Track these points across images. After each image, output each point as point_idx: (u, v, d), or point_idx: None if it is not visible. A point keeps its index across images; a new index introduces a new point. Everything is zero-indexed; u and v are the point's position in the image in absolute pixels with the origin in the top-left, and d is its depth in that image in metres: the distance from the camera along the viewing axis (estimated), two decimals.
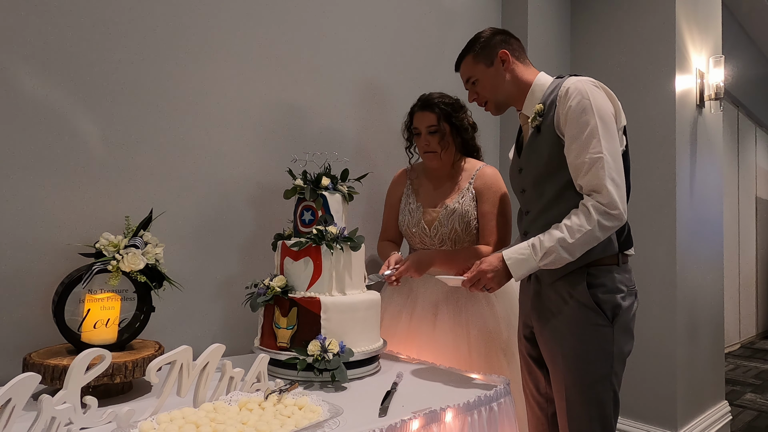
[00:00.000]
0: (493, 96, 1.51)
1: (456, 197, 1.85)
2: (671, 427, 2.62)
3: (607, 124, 1.31)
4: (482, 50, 1.50)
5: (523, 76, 1.49)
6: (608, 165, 1.28)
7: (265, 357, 1.25)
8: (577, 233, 1.28)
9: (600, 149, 1.29)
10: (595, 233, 1.28)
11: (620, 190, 1.30)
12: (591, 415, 1.34)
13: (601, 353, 1.34)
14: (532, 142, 1.44)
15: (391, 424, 1.11)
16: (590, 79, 1.38)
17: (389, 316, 1.91)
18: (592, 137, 1.29)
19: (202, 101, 1.73)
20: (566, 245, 1.29)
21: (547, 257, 1.31)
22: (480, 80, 1.51)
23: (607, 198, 1.27)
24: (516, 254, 1.36)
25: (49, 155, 1.44)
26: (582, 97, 1.32)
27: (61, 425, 0.92)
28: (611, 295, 1.34)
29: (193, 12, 1.71)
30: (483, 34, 1.53)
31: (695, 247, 2.83)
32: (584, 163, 1.30)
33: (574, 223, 1.29)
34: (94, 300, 1.30)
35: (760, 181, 6.53)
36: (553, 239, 1.30)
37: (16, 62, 1.38)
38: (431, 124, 1.82)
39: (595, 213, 1.28)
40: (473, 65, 1.52)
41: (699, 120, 2.90)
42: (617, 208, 1.28)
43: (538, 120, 1.42)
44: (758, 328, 6.46)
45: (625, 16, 2.86)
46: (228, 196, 1.80)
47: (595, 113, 1.30)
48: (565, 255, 1.30)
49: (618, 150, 1.33)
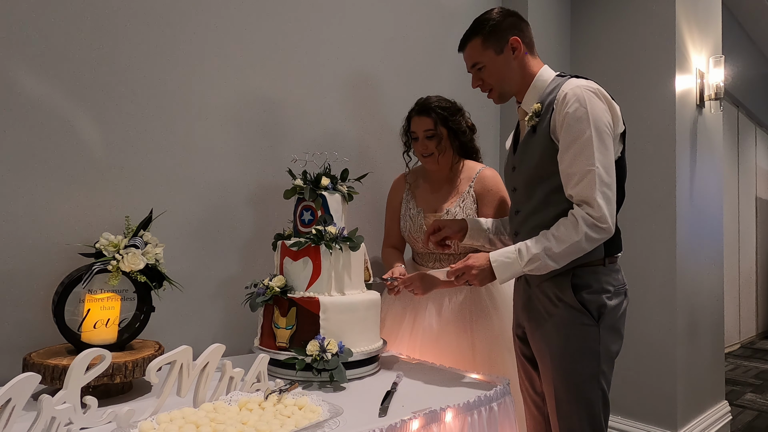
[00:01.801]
0: (499, 85, 1.45)
1: (456, 201, 1.85)
2: (671, 427, 2.62)
3: (602, 135, 1.29)
4: (492, 34, 1.41)
5: (529, 67, 1.43)
6: (600, 178, 1.27)
7: (265, 357, 1.25)
8: (564, 243, 1.29)
9: (593, 161, 1.27)
10: (582, 245, 1.29)
11: (610, 203, 1.29)
12: (580, 414, 1.34)
13: (587, 353, 1.34)
14: (527, 142, 1.43)
15: (391, 424, 1.11)
16: (590, 85, 1.34)
17: (392, 318, 1.91)
18: (586, 148, 1.28)
19: (203, 101, 1.74)
20: (551, 254, 1.30)
21: (532, 263, 1.32)
22: (487, 67, 1.43)
23: (599, 212, 1.27)
24: (502, 257, 1.36)
25: (49, 155, 1.44)
26: (579, 105, 1.29)
27: (61, 425, 0.92)
28: (597, 296, 1.34)
29: (195, 12, 1.71)
30: (492, 15, 1.43)
31: (695, 247, 2.83)
32: (575, 174, 1.29)
33: (561, 233, 1.30)
34: (94, 300, 1.30)
35: (760, 181, 6.52)
36: (539, 246, 1.31)
37: (17, 62, 1.38)
38: (428, 128, 1.81)
39: (584, 225, 1.28)
40: (481, 50, 1.42)
41: (699, 120, 2.90)
42: (607, 222, 1.28)
43: (535, 120, 1.39)
44: (758, 328, 6.46)
45: (625, 16, 2.86)
46: (228, 196, 1.80)
47: (591, 123, 1.28)
48: (550, 263, 1.31)
49: (611, 162, 1.31)
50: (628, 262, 1.59)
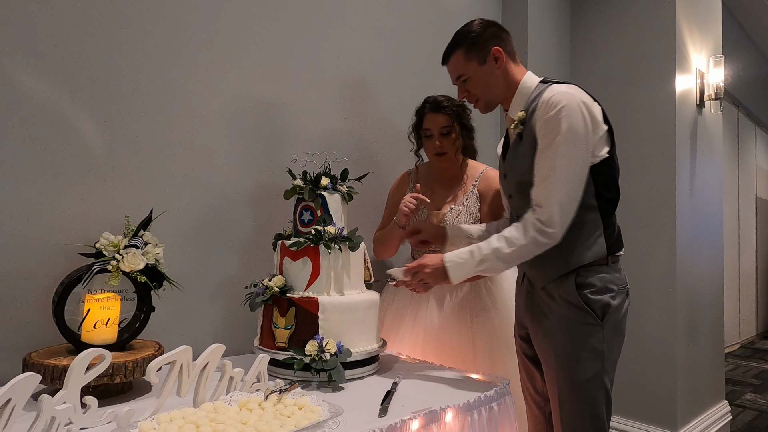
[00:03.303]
0: (484, 95, 1.47)
1: (461, 199, 1.86)
2: (671, 427, 2.62)
3: (574, 141, 1.29)
4: (474, 46, 1.43)
5: (513, 74, 1.45)
6: (558, 183, 1.28)
7: (265, 357, 1.25)
8: (513, 246, 1.32)
9: (556, 166, 1.28)
10: (530, 248, 1.31)
11: (563, 209, 1.29)
12: (583, 414, 1.34)
13: (591, 353, 1.34)
14: (515, 149, 1.44)
15: (391, 424, 1.11)
16: (568, 90, 1.33)
17: (392, 317, 1.91)
18: (554, 153, 1.29)
19: (203, 101, 1.74)
20: (501, 255, 1.33)
21: (483, 264, 1.35)
22: (472, 78, 1.45)
23: (546, 215, 1.28)
24: (456, 258, 1.39)
25: (49, 155, 1.44)
26: (557, 111, 1.29)
27: (61, 425, 0.92)
28: (601, 295, 1.34)
29: (196, 13, 1.71)
30: (473, 27, 1.45)
31: (695, 247, 2.83)
32: (538, 176, 1.32)
33: (511, 235, 1.33)
34: (94, 300, 1.30)
35: (760, 181, 6.52)
36: (490, 248, 1.34)
37: (17, 62, 1.38)
38: (445, 125, 1.82)
39: (532, 228, 1.30)
40: (465, 62, 1.45)
41: (699, 120, 2.90)
42: (553, 227, 1.28)
43: (520, 128, 1.40)
44: (758, 328, 6.46)
45: (626, 16, 2.86)
46: (228, 196, 1.80)
47: (561, 129, 1.28)
48: (500, 264, 1.34)
49: (580, 169, 1.30)
50: (628, 262, 1.59)
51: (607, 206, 1.39)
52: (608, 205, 1.39)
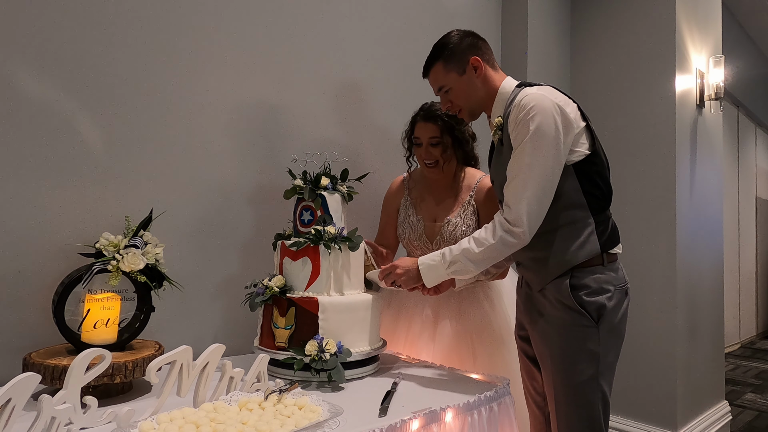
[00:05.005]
0: (467, 104, 1.48)
1: (458, 211, 1.81)
2: (671, 427, 2.62)
3: (542, 141, 1.28)
4: (452, 57, 1.45)
5: (493, 82, 1.46)
6: (525, 182, 1.29)
7: (265, 357, 1.25)
8: (482, 246, 1.32)
9: (523, 165, 1.29)
10: (498, 247, 1.31)
11: (531, 209, 1.29)
12: (579, 416, 1.34)
13: (587, 355, 1.33)
14: (497, 155, 1.46)
15: (391, 424, 1.11)
16: (539, 92, 1.33)
17: (387, 321, 1.89)
18: (521, 153, 1.30)
19: (202, 102, 1.74)
20: (471, 256, 1.33)
21: (453, 266, 1.36)
22: (453, 89, 1.47)
23: (513, 215, 1.29)
24: (428, 260, 1.40)
25: (49, 155, 1.44)
26: (526, 113, 1.30)
27: (61, 425, 0.92)
28: (596, 297, 1.34)
29: (195, 14, 1.71)
30: (450, 39, 1.48)
31: (695, 247, 2.83)
32: (508, 176, 1.33)
33: (480, 236, 1.34)
34: (94, 300, 1.30)
35: (760, 181, 6.52)
36: (459, 249, 1.35)
37: (17, 63, 1.38)
38: (433, 135, 1.76)
39: (500, 228, 1.31)
40: (444, 74, 1.47)
41: (699, 120, 2.90)
42: (520, 227, 1.29)
43: (499, 134, 1.42)
44: (758, 328, 6.46)
45: (625, 16, 2.86)
46: (228, 196, 1.80)
47: (531, 129, 1.28)
48: (470, 265, 1.34)
49: (549, 169, 1.30)
50: (628, 262, 1.59)
51: (597, 203, 1.37)
52: (598, 202, 1.38)
